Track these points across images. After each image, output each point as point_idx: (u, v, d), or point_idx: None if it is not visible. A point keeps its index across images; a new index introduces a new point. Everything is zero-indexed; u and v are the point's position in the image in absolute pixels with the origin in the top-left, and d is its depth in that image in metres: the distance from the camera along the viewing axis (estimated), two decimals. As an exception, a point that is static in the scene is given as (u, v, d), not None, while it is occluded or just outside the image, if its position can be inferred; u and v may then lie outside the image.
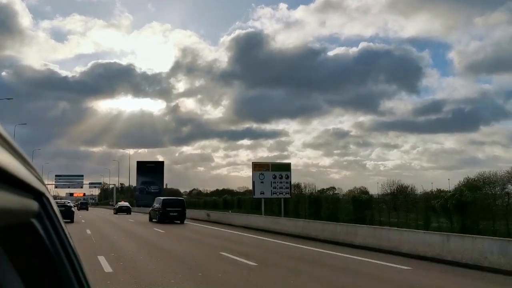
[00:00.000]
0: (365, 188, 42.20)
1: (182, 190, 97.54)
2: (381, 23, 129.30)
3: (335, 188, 46.94)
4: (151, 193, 69.68)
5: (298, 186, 41.95)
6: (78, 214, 40.98)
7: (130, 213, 49.36)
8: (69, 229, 0.97)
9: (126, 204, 54.19)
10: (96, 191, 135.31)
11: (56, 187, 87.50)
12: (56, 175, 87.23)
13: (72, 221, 27.53)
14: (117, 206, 53.29)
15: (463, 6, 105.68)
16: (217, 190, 79.56)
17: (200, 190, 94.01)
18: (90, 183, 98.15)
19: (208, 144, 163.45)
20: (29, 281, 0.80)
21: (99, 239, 17.06)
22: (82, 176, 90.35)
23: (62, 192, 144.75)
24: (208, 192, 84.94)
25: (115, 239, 17.42)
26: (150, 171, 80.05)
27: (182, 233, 20.94)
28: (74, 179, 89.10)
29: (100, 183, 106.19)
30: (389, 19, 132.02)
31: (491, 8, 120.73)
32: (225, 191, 69.98)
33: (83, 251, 11.82)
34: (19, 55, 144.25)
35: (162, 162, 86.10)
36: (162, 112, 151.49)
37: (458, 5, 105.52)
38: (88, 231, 20.74)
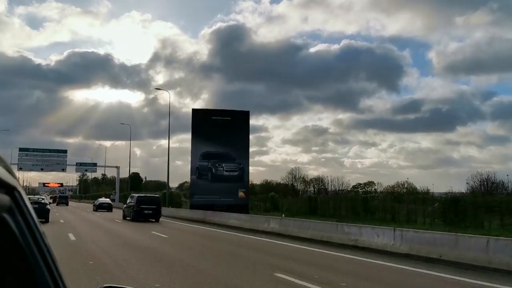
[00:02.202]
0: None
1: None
2: (363, 21, 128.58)
3: (373, 183, 47.14)
4: (225, 178, 39.96)
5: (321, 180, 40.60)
6: (55, 211, 36.50)
7: (111, 211, 45.62)
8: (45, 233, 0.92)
9: (108, 200, 51.32)
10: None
11: (20, 169, 62.01)
12: (20, 149, 60.65)
13: (47, 221, 23.54)
14: (97, 203, 49.31)
15: (445, 6, 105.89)
16: None
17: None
18: (79, 164, 70.28)
19: (187, 137, 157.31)
20: (2, 277, 0.79)
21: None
22: (66, 151, 64.79)
23: (34, 181, 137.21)
24: None
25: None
26: (223, 134, 40.27)
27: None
28: (50, 157, 62.18)
29: (94, 165, 73.30)
30: (371, 17, 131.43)
31: (473, 8, 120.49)
32: None
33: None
34: None
35: (247, 113, 43.62)
36: (140, 104, 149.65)
37: (440, 4, 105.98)
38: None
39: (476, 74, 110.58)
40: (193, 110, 44.35)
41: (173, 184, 79.18)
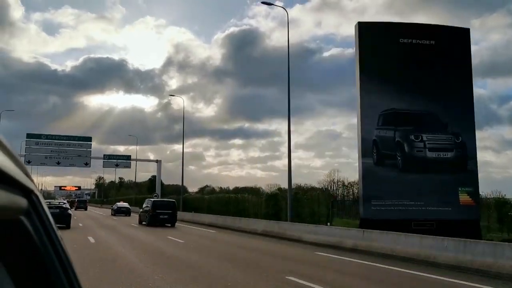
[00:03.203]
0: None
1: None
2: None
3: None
4: (432, 164, 19.71)
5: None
6: (73, 215, 33.57)
7: (129, 215, 44.54)
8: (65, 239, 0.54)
9: (126, 205, 48.73)
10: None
11: (28, 162, 51.21)
12: (29, 136, 47.80)
13: (68, 227, 22.51)
14: (116, 207, 47.63)
15: (461, 8, 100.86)
16: (236, 188, 64.37)
17: (213, 188, 79.22)
18: (107, 156, 54.21)
19: (200, 142, 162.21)
20: (19, 279, 0.79)
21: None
22: (90, 139, 50.56)
23: (50, 185, 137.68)
24: (226, 189, 67.83)
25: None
26: (422, 73, 20.18)
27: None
28: (69, 146, 48.64)
29: (128, 158, 55.84)
30: (386, 20, 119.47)
31: (490, 10, 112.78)
32: (247, 190, 56.40)
33: None
34: (7, 47, 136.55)
35: (466, 32, 21.76)
36: (153, 109, 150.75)
37: (456, 7, 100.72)
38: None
39: (493, 78, 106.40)
40: (360, 25, 20.89)
41: (193, 188, 75.62)
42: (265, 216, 30.30)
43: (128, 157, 55.07)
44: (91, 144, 50.47)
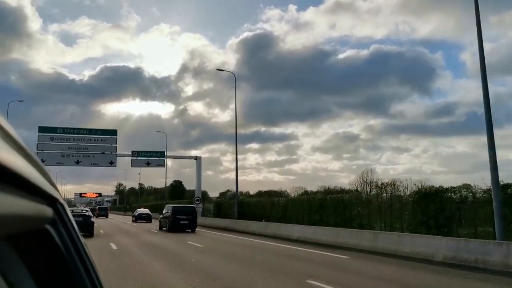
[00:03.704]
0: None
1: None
2: (393, 24, 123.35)
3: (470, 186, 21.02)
4: None
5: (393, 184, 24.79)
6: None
7: (150, 221, 44.59)
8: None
9: (147, 211, 48.64)
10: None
11: (42, 161, 45.89)
12: (41, 129, 40.12)
13: (91, 235, 22.06)
14: (136, 214, 47.83)
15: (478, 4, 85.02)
16: (259, 191, 61.68)
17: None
18: (136, 153, 44.24)
19: (217, 147, 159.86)
20: None
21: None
22: (115, 133, 41.64)
23: (70, 192, 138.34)
24: (246, 193, 63.15)
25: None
26: None
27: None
28: (90, 142, 40.35)
29: (162, 154, 45.84)
30: (401, 20, 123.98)
31: (508, 6, 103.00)
32: (271, 193, 53.79)
33: None
34: (26, 58, 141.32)
35: None
36: (170, 115, 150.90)
37: (472, 4, 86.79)
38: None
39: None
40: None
41: (214, 193, 74.27)
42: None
43: (162, 154, 45.44)
44: (116, 138, 41.43)
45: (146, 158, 44.28)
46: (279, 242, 20.19)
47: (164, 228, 29.31)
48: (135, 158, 43.77)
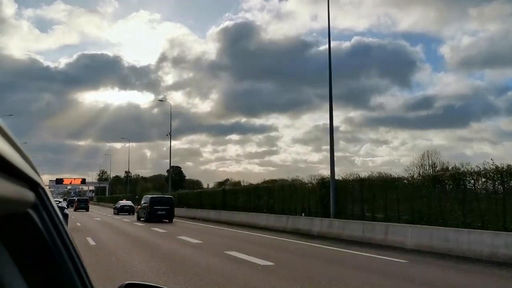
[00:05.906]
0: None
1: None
2: (374, 16, 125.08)
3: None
4: None
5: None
6: (71, 215, 31.58)
7: (133, 214, 41.95)
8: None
9: (129, 203, 46.64)
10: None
11: None
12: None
13: None
14: (119, 206, 45.45)
15: None
16: (264, 180, 57.13)
17: (237, 181, 72.97)
18: None
19: (197, 138, 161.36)
20: (27, 272, 0.79)
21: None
22: None
23: (45, 180, 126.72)
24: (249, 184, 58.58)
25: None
26: None
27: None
28: None
29: None
30: (382, 13, 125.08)
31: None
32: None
33: None
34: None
35: None
36: (149, 105, 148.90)
37: None
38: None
39: (490, 68, 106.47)
40: None
41: (209, 184, 71.77)
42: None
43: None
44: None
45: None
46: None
47: (142, 219, 29.62)
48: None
